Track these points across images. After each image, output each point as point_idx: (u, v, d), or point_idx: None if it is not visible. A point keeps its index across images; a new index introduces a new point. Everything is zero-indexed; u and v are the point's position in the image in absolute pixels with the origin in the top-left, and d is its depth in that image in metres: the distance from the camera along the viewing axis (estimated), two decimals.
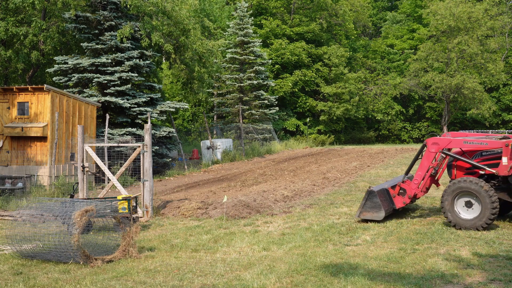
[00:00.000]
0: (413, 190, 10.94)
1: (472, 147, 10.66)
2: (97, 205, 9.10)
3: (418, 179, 10.90)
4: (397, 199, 11.17)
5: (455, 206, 10.20)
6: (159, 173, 21.22)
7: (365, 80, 50.31)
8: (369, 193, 10.98)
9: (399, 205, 11.18)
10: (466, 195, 10.09)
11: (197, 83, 26.62)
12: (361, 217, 11.15)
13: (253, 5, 46.06)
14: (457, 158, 10.75)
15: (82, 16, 21.53)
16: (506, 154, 9.96)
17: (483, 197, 9.80)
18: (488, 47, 47.26)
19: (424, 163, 10.89)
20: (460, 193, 10.12)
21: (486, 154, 10.66)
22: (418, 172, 10.93)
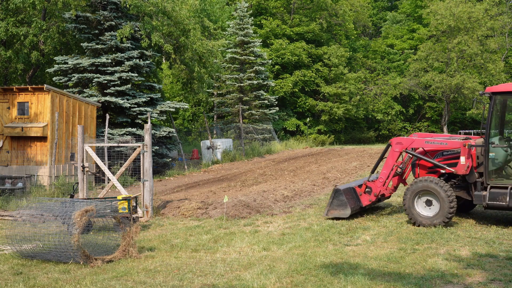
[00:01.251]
0: (379, 188, 11.33)
1: (433, 146, 11.09)
2: (97, 205, 9.10)
3: (383, 178, 11.32)
4: (364, 197, 11.55)
5: (416, 204, 10.60)
6: (159, 173, 21.22)
7: (365, 80, 50.32)
8: (336, 192, 11.36)
9: (366, 203, 11.57)
10: (426, 194, 10.51)
11: (197, 83, 26.61)
12: (329, 215, 11.52)
13: (253, 5, 46.06)
14: (419, 157, 11.15)
15: (82, 16, 21.53)
16: (463, 154, 10.36)
17: (441, 196, 10.21)
18: (488, 47, 47.26)
19: (389, 162, 11.32)
20: (421, 192, 10.53)
21: (446, 154, 11.05)
22: (383, 171, 11.35)
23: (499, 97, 10.48)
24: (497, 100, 10.52)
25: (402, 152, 11.34)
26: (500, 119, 10.85)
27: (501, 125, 10.90)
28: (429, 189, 10.43)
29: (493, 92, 10.31)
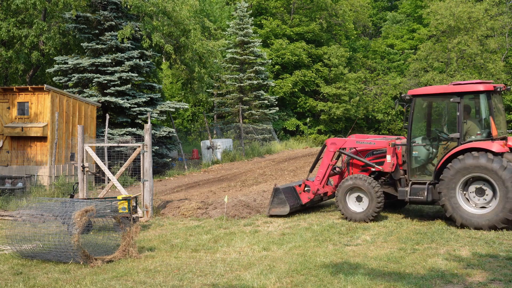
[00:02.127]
0: (316, 186, 12.04)
1: (363, 146, 11.94)
2: (97, 205, 9.11)
3: (319, 176, 12.03)
4: (303, 195, 12.21)
5: (347, 201, 11.35)
6: (159, 173, 21.21)
7: (365, 80, 50.30)
8: (275, 191, 11.95)
9: (305, 201, 12.23)
10: (356, 191, 11.27)
11: (197, 83, 26.60)
12: (270, 213, 12.03)
13: (253, 5, 46.05)
14: (351, 156, 11.97)
15: (82, 16, 21.53)
16: (389, 153, 11.10)
17: (370, 192, 11.00)
18: (488, 47, 47.26)
19: (324, 161, 12.05)
20: (351, 189, 11.29)
21: (376, 153, 11.81)
22: (320, 170, 12.07)
23: (419, 99, 11.08)
24: (417, 102, 11.05)
25: (336, 152, 12.06)
26: (426, 120, 11.34)
27: (427, 125, 11.35)
28: (358, 186, 11.17)
29: (413, 94, 11.00)
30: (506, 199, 9.66)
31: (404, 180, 11.06)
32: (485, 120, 10.34)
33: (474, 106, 10.73)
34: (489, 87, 10.34)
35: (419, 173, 10.94)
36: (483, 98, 10.37)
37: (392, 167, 11.09)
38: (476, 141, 10.22)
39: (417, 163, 10.96)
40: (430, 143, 10.99)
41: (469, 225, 9.99)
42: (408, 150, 10.93)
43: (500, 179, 9.67)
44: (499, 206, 9.76)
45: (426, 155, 10.96)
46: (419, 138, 11.14)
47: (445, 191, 10.16)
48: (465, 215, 10.03)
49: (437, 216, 11.32)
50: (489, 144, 9.97)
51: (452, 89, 10.61)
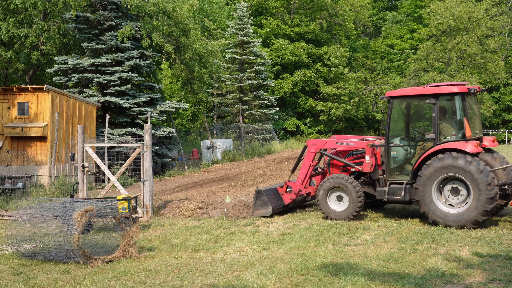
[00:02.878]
0: (298, 187, 12.24)
1: (343, 147, 12.20)
2: (97, 205, 9.11)
3: (301, 177, 12.24)
4: (285, 196, 12.41)
5: (328, 200, 11.56)
6: (159, 173, 21.21)
7: (365, 80, 50.29)
8: (257, 193, 12.16)
9: (288, 201, 12.41)
10: (337, 190, 11.49)
11: (197, 83, 26.59)
12: (254, 215, 12.15)
13: (253, 5, 46.04)
14: (332, 157, 12.23)
15: (82, 16, 21.52)
16: (368, 153, 11.40)
17: (350, 191, 11.22)
18: (488, 47, 47.26)
19: (306, 162, 12.29)
20: (332, 189, 11.50)
21: (356, 154, 12.07)
22: (301, 171, 12.30)
23: (396, 101, 11.32)
24: (395, 104, 11.29)
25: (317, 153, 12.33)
26: (403, 121, 11.62)
27: (405, 126, 11.60)
28: (339, 186, 11.39)
29: (391, 96, 11.20)
30: (478, 201, 9.87)
31: (382, 180, 11.29)
32: (459, 121, 10.54)
33: (449, 107, 10.93)
34: (463, 89, 10.54)
35: (397, 173, 11.17)
36: (458, 100, 10.58)
37: (371, 167, 11.37)
38: (451, 141, 10.45)
39: (395, 163, 11.20)
40: (407, 144, 11.22)
41: (440, 222, 10.26)
42: (386, 150, 11.16)
43: (475, 181, 9.88)
44: (471, 207, 9.98)
45: (403, 156, 11.19)
46: (397, 138, 11.35)
47: (421, 188, 10.38)
48: (437, 212, 10.29)
49: None
50: (463, 144, 10.19)
51: (428, 90, 10.83)
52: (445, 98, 10.78)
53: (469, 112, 10.65)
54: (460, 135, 10.48)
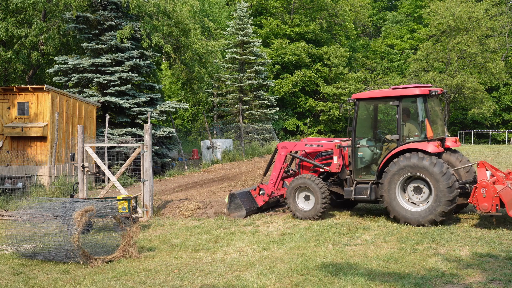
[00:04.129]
0: (270, 189, 12.54)
1: (312, 149, 12.47)
2: (97, 205, 9.10)
3: (273, 179, 12.55)
4: (258, 198, 12.69)
5: (296, 200, 11.87)
6: (159, 173, 21.21)
7: (365, 80, 50.28)
8: (231, 196, 12.40)
9: (261, 203, 12.67)
10: (304, 190, 11.78)
11: (197, 83, 26.58)
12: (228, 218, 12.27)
13: (253, 5, 46.05)
14: (301, 159, 12.55)
15: (82, 16, 21.52)
16: (336, 154, 11.69)
17: (316, 191, 11.51)
18: (488, 47, 47.25)
19: (277, 165, 12.60)
20: (300, 188, 11.80)
21: (325, 155, 12.36)
22: (273, 173, 12.61)
23: (362, 103, 11.63)
24: (361, 105, 11.61)
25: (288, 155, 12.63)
26: (369, 123, 11.91)
27: (371, 128, 11.85)
28: (306, 186, 11.69)
29: (357, 98, 11.56)
30: (439, 201, 10.15)
31: (350, 180, 11.60)
32: (422, 122, 10.83)
33: (412, 109, 11.18)
34: (425, 91, 10.84)
35: (363, 173, 11.48)
36: (420, 102, 10.86)
37: (339, 167, 11.67)
38: (414, 142, 10.77)
39: (361, 163, 11.52)
40: (373, 145, 11.54)
41: (400, 219, 10.59)
42: (353, 151, 11.47)
43: (437, 182, 10.16)
44: (431, 206, 10.26)
45: (369, 156, 11.52)
46: (364, 140, 11.65)
47: (385, 186, 10.69)
48: (399, 209, 10.61)
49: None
50: (425, 145, 10.50)
51: (391, 93, 11.13)
52: (408, 100, 11.08)
53: (431, 113, 11.01)
54: (422, 136, 10.78)
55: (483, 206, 9.72)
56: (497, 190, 9.67)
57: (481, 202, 9.75)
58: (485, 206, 9.69)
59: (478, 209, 9.86)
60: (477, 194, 9.82)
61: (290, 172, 13.00)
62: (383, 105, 11.94)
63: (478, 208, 9.84)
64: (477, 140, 49.48)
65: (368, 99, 11.69)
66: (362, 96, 11.63)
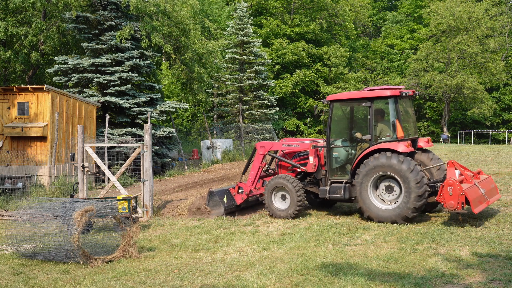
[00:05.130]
0: (249, 187, 12.77)
1: (289, 149, 12.73)
2: (97, 205, 9.10)
3: (251, 178, 12.80)
4: (237, 196, 12.93)
5: (273, 199, 12.12)
6: (159, 173, 21.21)
7: (365, 80, 50.28)
8: (210, 194, 12.75)
9: (239, 202, 12.88)
10: (280, 190, 12.03)
11: (197, 84, 26.58)
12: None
13: (253, 5, 46.04)
14: (279, 158, 12.82)
15: (82, 16, 21.52)
16: (311, 154, 12.00)
17: (291, 191, 11.78)
18: (488, 47, 47.26)
19: (255, 164, 12.86)
20: (276, 188, 12.05)
21: (302, 155, 12.58)
22: (251, 172, 12.87)
23: (336, 104, 11.91)
24: (335, 107, 11.87)
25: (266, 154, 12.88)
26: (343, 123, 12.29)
27: (344, 128, 12.19)
28: (282, 185, 11.94)
29: (331, 100, 11.81)
30: (409, 198, 10.43)
31: (325, 179, 11.87)
32: (393, 123, 11.08)
33: (384, 110, 11.46)
34: (395, 92, 11.08)
35: (338, 173, 11.78)
36: (391, 103, 11.13)
37: (314, 167, 11.97)
38: (385, 142, 11.05)
39: (336, 163, 11.83)
40: (347, 145, 11.83)
41: (374, 218, 10.87)
42: (328, 151, 11.74)
43: (406, 179, 10.46)
44: (402, 203, 10.55)
45: (343, 156, 11.82)
46: (338, 140, 11.94)
47: (358, 185, 11.00)
48: (372, 208, 10.90)
49: (437, 216, 11.33)
50: (396, 145, 10.77)
51: (364, 94, 11.42)
52: (379, 101, 11.39)
53: (402, 114, 11.31)
54: (394, 136, 11.05)
55: (449, 204, 10.01)
56: (462, 189, 9.96)
57: (447, 200, 10.04)
58: (452, 204, 9.98)
59: (445, 206, 10.16)
60: (444, 192, 10.11)
61: (269, 172, 13.23)
62: (356, 106, 12.15)
63: (445, 205, 10.13)
64: (477, 140, 49.49)
65: (342, 100, 12.00)
66: (336, 98, 11.91)
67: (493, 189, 11.28)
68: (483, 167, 18.78)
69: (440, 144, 39.00)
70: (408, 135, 11.40)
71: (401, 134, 10.98)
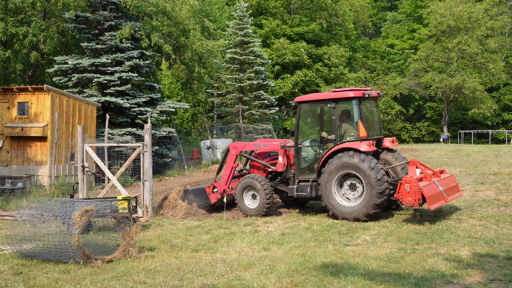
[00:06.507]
0: (222, 187, 13.13)
1: (260, 149, 13.13)
2: (97, 205, 9.10)
3: (225, 178, 13.15)
4: (212, 195, 13.37)
5: (244, 198, 12.52)
6: (159, 173, 21.20)
7: (365, 80, 50.28)
8: (185, 192, 13.20)
9: (213, 201, 13.33)
10: (251, 189, 12.44)
11: (197, 84, 26.57)
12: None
13: (253, 5, 46.03)
14: (250, 159, 13.19)
15: (82, 16, 21.52)
16: (280, 154, 12.40)
17: (260, 190, 12.21)
18: (488, 47, 47.26)
19: (228, 164, 13.22)
20: (247, 188, 12.45)
21: (272, 155, 12.95)
22: (225, 172, 13.24)
23: (304, 105, 12.29)
24: (302, 108, 12.22)
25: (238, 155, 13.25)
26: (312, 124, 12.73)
27: (321, 128, 12.55)
28: (251, 185, 12.35)
29: (298, 101, 12.23)
30: (370, 195, 10.79)
31: (293, 178, 12.21)
32: (356, 123, 11.44)
33: (348, 110, 11.81)
34: (359, 93, 11.48)
35: (307, 172, 12.12)
36: (354, 104, 11.54)
37: (283, 167, 12.36)
38: (349, 141, 11.40)
39: (304, 163, 12.18)
40: (314, 145, 12.19)
41: (338, 215, 11.24)
42: (296, 151, 12.10)
43: (367, 177, 10.81)
44: (364, 200, 10.91)
45: (311, 156, 12.18)
46: (306, 141, 12.35)
47: (323, 184, 11.36)
48: (336, 206, 11.26)
49: (437, 216, 11.33)
50: (358, 144, 11.13)
51: (329, 95, 11.78)
52: (344, 102, 11.72)
53: (366, 115, 11.67)
54: (357, 136, 11.40)
55: (407, 200, 10.37)
56: (419, 186, 10.28)
57: (405, 196, 10.41)
58: (409, 201, 10.35)
59: (403, 203, 10.52)
60: (401, 189, 10.47)
61: (244, 172, 13.52)
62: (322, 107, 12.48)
63: (403, 202, 10.48)
64: (477, 140, 49.50)
65: (309, 101, 12.32)
66: (303, 99, 12.25)
67: (454, 187, 11.59)
68: (483, 167, 18.79)
69: (440, 144, 39.00)
70: (372, 135, 11.80)
71: (363, 134, 11.34)
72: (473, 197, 13.28)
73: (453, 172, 17.93)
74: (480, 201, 12.74)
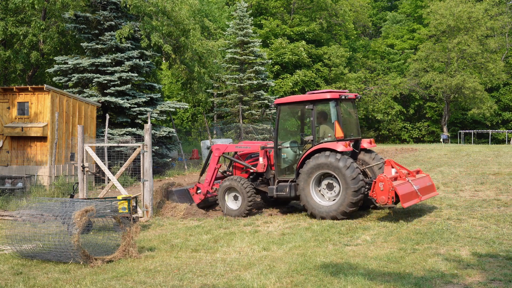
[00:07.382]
0: (206, 188, 13.31)
1: (242, 150, 13.31)
2: (97, 205, 9.10)
3: (208, 179, 13.29)
4: (195, 196, 13.52)
5: (226, 199, 12.66)
6: (159, 173, 21.20)
7: (365, 80, 50.27)
8: (168, 193, 13.47)
9: (197, 201, 13.47)
10: (233, 191, 12.60)
11: (197, 84, 26.57)
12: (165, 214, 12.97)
13: (253, 5, 46.02)
14: (232, 160, 13.39)
15: (82, 16, 21.51)
16: (261, 155, 12.55)
17: (241, 191, 12.39)
18: (488, 47, 47.27)
19: (211, 165, 13.40)
20: (229, 189, 12.62)
21: (254, 156, 13.09)
22: (208, 173, 13.39)
23: (284, 107, 12.50)
24: (282, 110, 12.41)
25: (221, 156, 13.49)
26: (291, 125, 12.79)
27: (301, 129, 12.85)
28: (233, 186, 12.52)
29: (278, 103, 12.42)
30: (346, 194, 11.04)
31: (273, 179, 12.41)
32: (333, 124, 11.65)
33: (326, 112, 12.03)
34: (335, 95, 11.75)
35: (287, 172, 12.33)
36: (331, 105, 11.73)
37: (264, 167, 12.53)
38: (326, 142, 11.64)
39: (284, 163, 12.38)
40: (293, 146, 12.41)
41: (317, 214, 11.44)
42: (275, 152, 12.30)
43: (343, 176, 11.05)
44: (340, 199, 11.16)
45: (291, 157, 12.38)
46: (286, 142, 12.55)
47: (301, 184, 11.57)
48: (314, 205, 11.48)
49: (438, 216, 11.34)
50: (335, 144, 11.37)
51: (307, 97, 12.02)
52: (321, 103, 11.93)
53: (343, 116, 11.92)
54: (334, 136, 11.61)
55: (381, 198, 10.66)
56: (392, 184, 10.56)
57: (379, 195, 10.70)
58: (383, 199, 10.63)
59: (378, 201, 10.80)
60: (376, 188, 10.76)
61: (227, 173, 13.69)
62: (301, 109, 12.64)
63: (377, 200, 10.77)
64: (477, 140, 49.50)
65: (288, 103, 12.57)
66: (282, 101, 12.47)
67: (429, 186, 11.82)
68: (483, 167, 18.79)
69: (440, 144, 39.00)
70: (350, 136, 12.02)
71: (340, 135, 11.52)
72: (473, 197, 13.29)
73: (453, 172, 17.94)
74: (480, 201, 12.74)
